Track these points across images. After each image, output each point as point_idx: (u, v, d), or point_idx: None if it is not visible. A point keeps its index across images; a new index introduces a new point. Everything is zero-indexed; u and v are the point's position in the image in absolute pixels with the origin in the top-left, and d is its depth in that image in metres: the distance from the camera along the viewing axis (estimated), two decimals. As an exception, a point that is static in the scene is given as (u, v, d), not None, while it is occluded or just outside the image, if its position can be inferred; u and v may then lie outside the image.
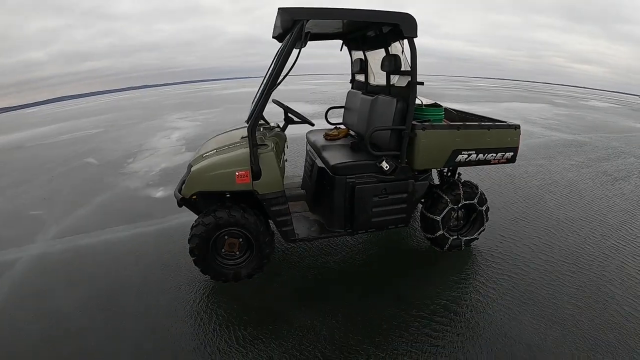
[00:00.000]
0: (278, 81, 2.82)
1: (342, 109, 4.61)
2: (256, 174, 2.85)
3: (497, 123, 3.36)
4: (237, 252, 3.14)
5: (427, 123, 3.13)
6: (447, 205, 3.42)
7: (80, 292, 3.18)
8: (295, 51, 2.82)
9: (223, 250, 3.11)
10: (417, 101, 3.41)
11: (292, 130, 3.82)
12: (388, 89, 3.62)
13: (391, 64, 3.25)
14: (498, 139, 3.30)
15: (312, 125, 3.55)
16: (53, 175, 7.09)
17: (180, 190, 3.04)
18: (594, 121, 13.55)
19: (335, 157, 3.31)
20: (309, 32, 2.79)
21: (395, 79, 3.51)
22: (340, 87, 26.45)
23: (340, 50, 4.30)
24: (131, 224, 4.50)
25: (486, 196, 3.62)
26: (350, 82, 4.66)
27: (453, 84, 40.10)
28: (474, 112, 3.99)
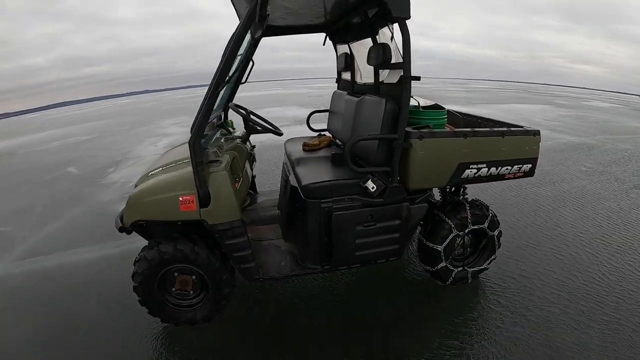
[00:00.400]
0: (227, 79, 2.13)
1: (328, 114, 3.90)
2: (204, 199, 2.19)
3: (512, 129, 2.65)
4: (191, 291, 2.51)
5: (425, 130, 2.41)
6: (451, 232, 2.69)
7: (23, 331, 2.70)
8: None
9: (174, 288, 2.48)
10: (413, 102, 2.71)
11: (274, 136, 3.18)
12: (377, 87, 2.89)
13: (378, 56, 2.52)
14: (514, 149, 2.60)
15: (280, 134, 2.86)
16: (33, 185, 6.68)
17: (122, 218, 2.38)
18: (598, 122, 12.75)
19: (310, 174, 2.61)
20: (267, 15, 2.11)
21: (384, 75, 2.79)
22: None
23: (324, 44, 3.61)
24: (97, 245, 3.94)
25: (497, 216, 2.90)
26: (336, 82, 3.95)
27: (452, 86, 39.12)
28: (481, 115, 3.29)
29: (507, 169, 2.62)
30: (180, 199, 2.18)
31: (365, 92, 3.05)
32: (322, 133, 3.87)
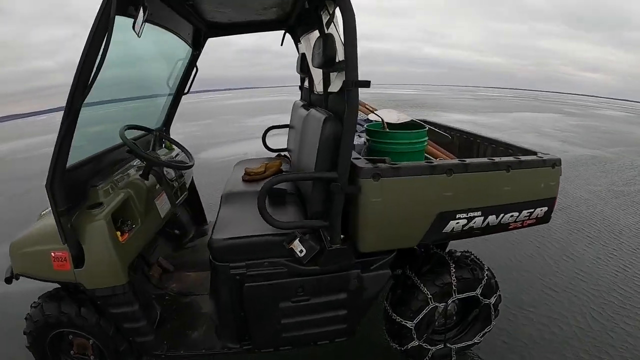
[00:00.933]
0: (89, 84, 1.40)
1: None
2: (77, 258, 1.63)
3: (522, 158, 1.82)
4: (92, 357, 1.94)
5: (384, 165, 1.58)
6: (427, 304, 1.86)
7: None
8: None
9: (72, 352, 1.95)
10: (374, 118, 1.92)
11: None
12: (325, 97, 2.11)
13: (320, 52, 1.73)
14: (524, 187, 1.79)
15: (187, 168, 2.14)
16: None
17: None
18: (611, 132, 11.68)
19: (228, 221, 1.86)
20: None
21: (333, 80, 1.98)
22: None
23: (281, 44, 2.85)
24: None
25: (495, 277, 2.07)
26: (299, 89, 3.16)
27: (460, 93, 37.81)
28: (482, 133, 2.46)
29: (512, 216, 1.81)
30: (53, 254, 1.63)
31: (318, 104, 2.26)
32: (283, 153, 3.09)
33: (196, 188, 3.09)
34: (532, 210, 1.85)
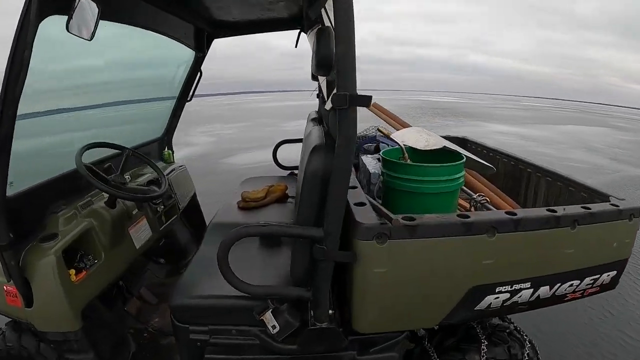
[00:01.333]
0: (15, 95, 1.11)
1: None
2: (26, 297, 1.40)
3: (592, 208, 1.26)
4: None
5: (391, 224, 1.06)
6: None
7: None
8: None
9: None
10: (396, 138, 1.48)
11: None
12: (328, 112, 1.65)
13: (313, 53, 1.21)
14: (592, 248, 1.27)
15: (146, 200, 1.75)
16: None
17: None
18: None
19: (202, 269, 1.51)
20: None
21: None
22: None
23: (296, 45, 2.46)
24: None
25: (538, 353, 1.55)
26: (317, 97, 2.72)
27: (505, 102, 36.06)
28: (534, 161, 1.94)
29: (571, 285, 1.28)
30: (5, 288, 1.42)
31: (325, 120, 1.82)
32: (295, 171, 2.68)
33: (199, 204, 2.74)
34: (597, 276, 1.32)
